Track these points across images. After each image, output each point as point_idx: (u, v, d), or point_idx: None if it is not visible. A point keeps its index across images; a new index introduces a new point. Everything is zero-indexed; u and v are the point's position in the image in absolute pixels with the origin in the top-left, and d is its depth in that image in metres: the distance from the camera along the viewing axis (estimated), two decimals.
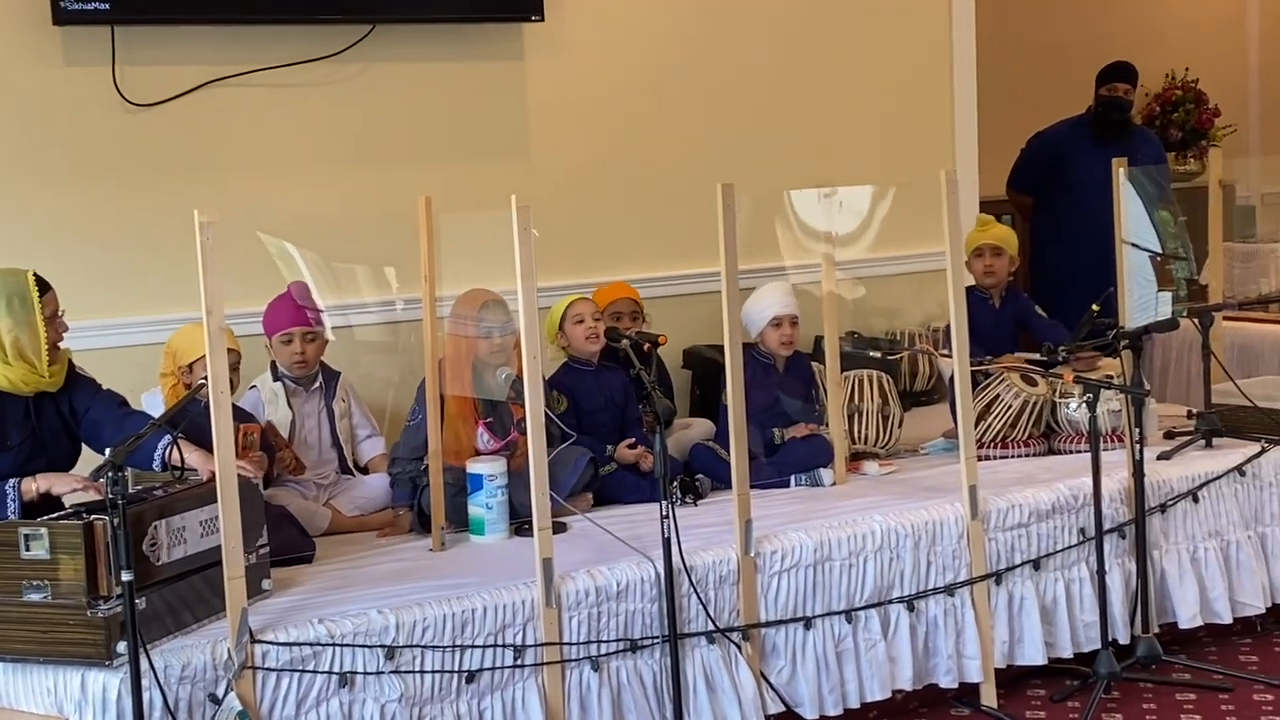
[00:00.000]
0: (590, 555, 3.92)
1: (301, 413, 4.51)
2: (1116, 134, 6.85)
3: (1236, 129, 8.87)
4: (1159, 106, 8.79)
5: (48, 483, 3.63)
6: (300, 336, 4.41)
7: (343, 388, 4.63)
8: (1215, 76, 8.88)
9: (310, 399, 4.54)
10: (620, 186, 5.56)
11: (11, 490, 3.59)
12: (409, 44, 5.13)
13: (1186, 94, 8.80)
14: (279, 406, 4.47)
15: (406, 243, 4.59)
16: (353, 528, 4.38)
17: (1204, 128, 8.80)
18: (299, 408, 4.50)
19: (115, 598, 3.21)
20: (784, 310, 4.83)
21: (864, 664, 4.09)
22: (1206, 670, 4.44)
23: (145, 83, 4.71)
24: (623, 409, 4.76)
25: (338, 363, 4.75)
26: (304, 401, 4.53)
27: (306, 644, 3.41)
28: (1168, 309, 4.86)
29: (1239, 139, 8.82)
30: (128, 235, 4.74)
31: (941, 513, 4.23)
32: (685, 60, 5.69)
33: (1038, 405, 4.91)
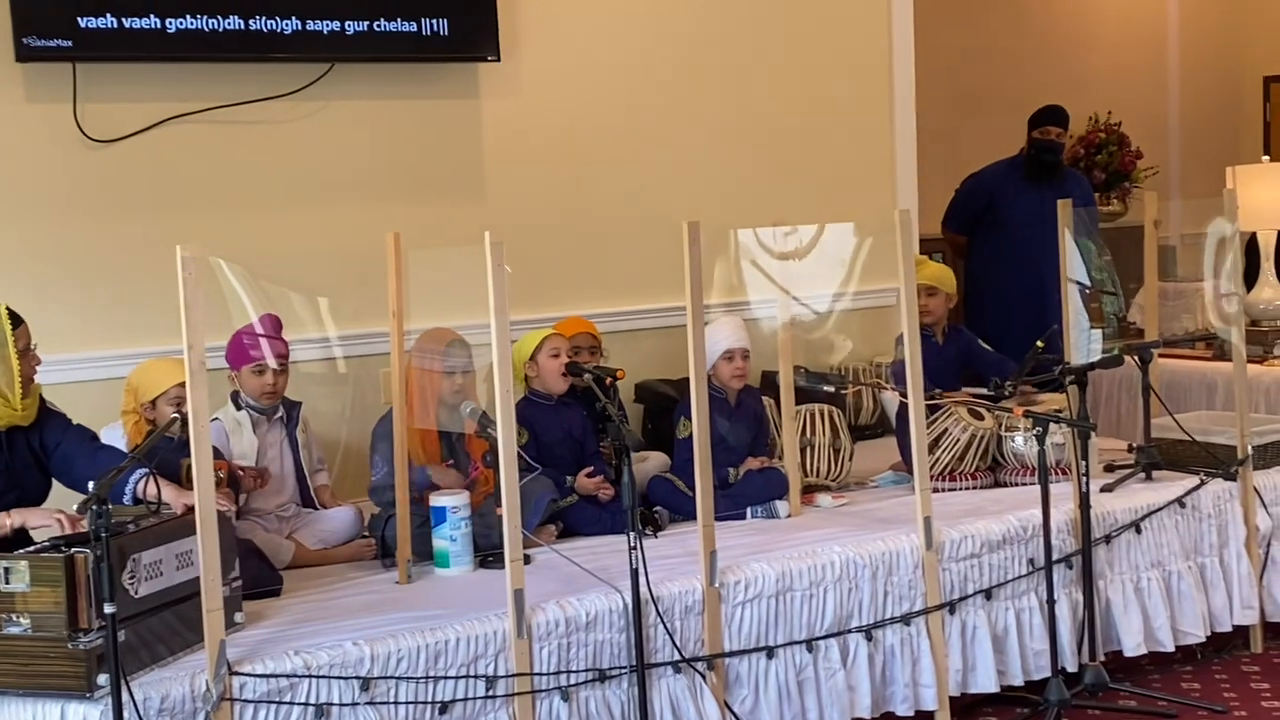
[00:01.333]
0: (558, 586, 3.97)
1: (265, 442, 4.52)
2: (1048, 175, 7.05)
3: (1158, 171, 9.13)
4: (1083, 149, 9.02)
5: (22, 518, 3.63)
6: (272, 369, 4.43)
7: (304, 419, 4.65)
8: (1138, 119, 9.14)
9: (273, 429, 4.56)
10: (573, 223, 5.65)
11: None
12: (367, 83, 5.20)
13: (1110, 137, 9.04)
14: (244, 436, 4.47)
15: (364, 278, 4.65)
16: (316, 560, 4.40)
17: (1127, 170, 9.04)
18: (263, 437, 4.52)
19: (96, 630, 3.23)
20: (736, 344, 4.91)
21: (824, 692, 4.17)
22: (1151, 697, 4.57)
23: (106, 119, 4.73)
24: (581, 443, 4.82)
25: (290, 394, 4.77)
26: (267, 431, 4.54)
27: (284, 676, 3.43)
28: (1098, 347, 5.01)
29: (1160, 180, 9.09)
30: (88, 270, 4.76)
31: (897, 544, 4.33)
32: (637, 101, 5.81)
33: (984, 439, 5.04)
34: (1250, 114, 9.88)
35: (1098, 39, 9.28)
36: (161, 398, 4.16)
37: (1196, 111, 9.65)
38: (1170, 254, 8.62)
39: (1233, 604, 4.90)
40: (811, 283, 5.08)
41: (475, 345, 4.43)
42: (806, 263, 5.00)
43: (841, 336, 5.37)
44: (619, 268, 5.71)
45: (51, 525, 3.61)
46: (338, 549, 4.47)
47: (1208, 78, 9.68)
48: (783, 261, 4.85)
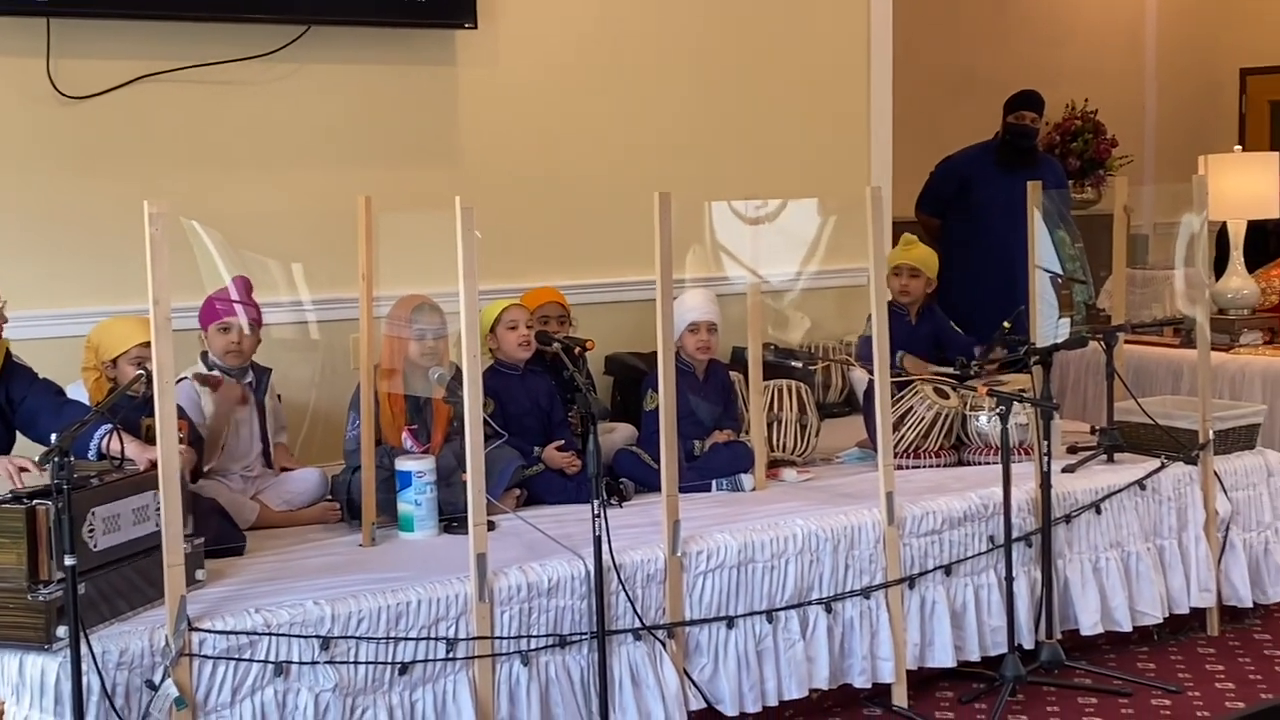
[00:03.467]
0: (521, 553, 3.99)
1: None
2: (1022, 160, 7.08)
3: (1133, 159, 9.17)
4: (1059, 136, 9.06)
5: None
6: (238, 327, 4.42)
7: (274, 387, 4.65)
8: (1113, 108, 9.18)
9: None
10: (547, 193, 5.65)
11: None
12: (343, 46, 5.19)
13: (1085, 124, 9.08)
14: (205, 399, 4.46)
15: (336, 242, 4.64)
16: (281, 522, 4.41)
17: (1101, 157, 9.09)
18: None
19: (56, 582, 3.23)
20: (702, 316, 4.93)
21: (783, 663, 4.21)
22: (1107, 675, 4.62)
23: (80, 75, 4.71)
24: (548, 412, 4.83)
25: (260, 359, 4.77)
26: None
27: (243, 633, 3.45)
28: (1066, 333, 5.05)
29: (1134, 169, 9.12)
30: (57, 227, 4.74)
31: (859, 518, 4.37)
32: (615, 72, 5.81)
33: (949, 418, 5.08)
34: (1226, 105, 9.93)
35: (1076, 26, 9.31)
36: (123, 356, 4.14)
37: (1172, 101, 9.70)
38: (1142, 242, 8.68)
39: (1190, 586, 4.95)
40: (779, 259, 5.11)
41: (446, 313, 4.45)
42: (775, 240, 5.02)
43: (800, 315, 5.39)
44: (592, 239, 5.72)
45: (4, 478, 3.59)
46: (302, 510, 4.48)
47: (1184, 68, 9.72)
48: (753, 232, 4.87)
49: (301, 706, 3.51)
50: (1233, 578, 5.05)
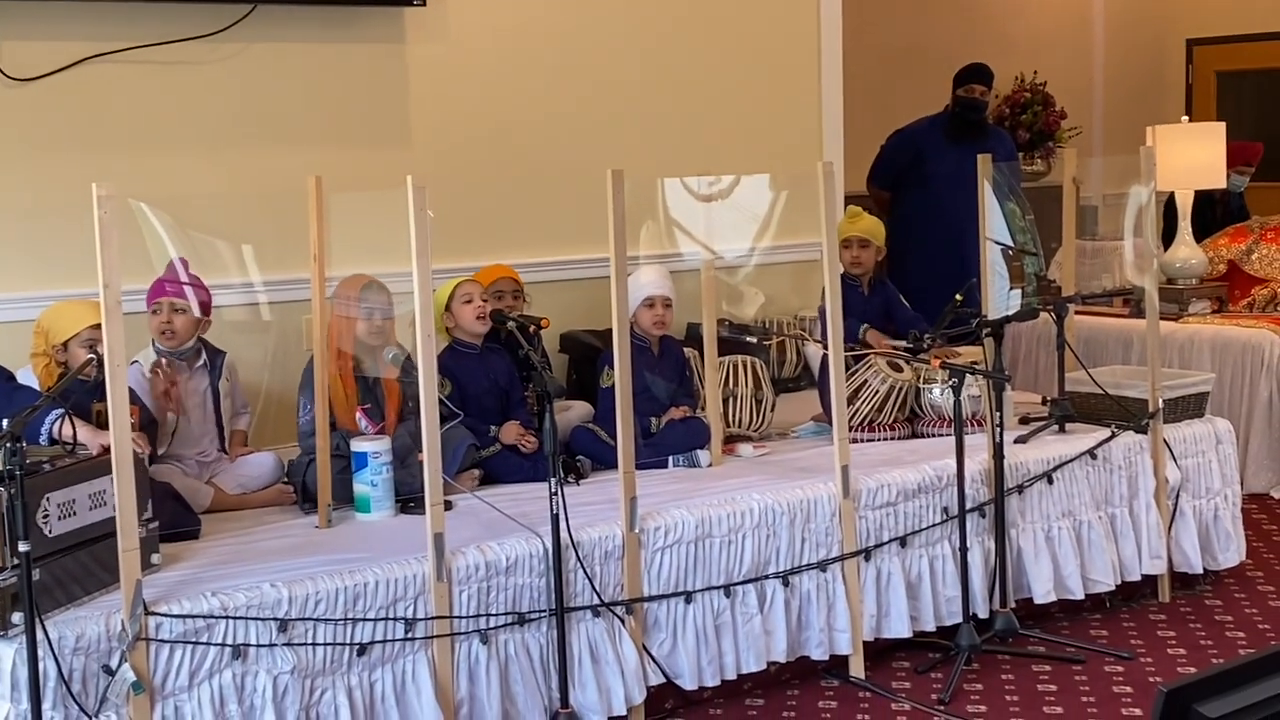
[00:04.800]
0: (479, 532, 4.00)
1: (186, 389, 4.49)
2: (972, 133, 7.13)
3: (1081, 131, 9.25)
4: (1008, 108, 9.12)
5: None
6: (168, 307, 4.38)
7: (228, 368, 4.63)
8: (1062, 80, 9.25)
9: (195, 376, 4.52)
10: (499, 172, 5.64)
11: None
12: (289, 25, 5.15)
13: (1035, 96, 9.15)
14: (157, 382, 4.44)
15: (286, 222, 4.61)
16: (235, 505, 4.39)
17: (1051, 129, 9.17)
18: (184, 384, 4.48)
19: (10, 569, 3.21)
20: (657, 291, 4.93)
21: (741, 637, 4.23)
22: (1060, 643, 4.67)
23: (25, 57, 4.66)
24: (506, 391, 4.83)
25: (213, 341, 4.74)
26: (188, 379, 4.51)
27: (200, 616, 3.44)
28: (1017, 305, 5.09)
29: (1083, 141, 9.20)
30: (2, 211, 4.68)
31: (815, 492, 4.39)
32: (565, 49, 5.79)
33: (903, 390, 5.11)
34: (1173, 76, 10.02)
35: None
36: (74, 340, 4.11)
37: (1120, 73, 9.78)
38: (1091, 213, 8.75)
39: (1141, 554, 5.01)
40: (733, 235, 5.12)
41: (397, 293, 4.44)
42: (727, 215, 5.03)
43: (754, 290, 5.41)
44: (545, 217, 5.71)
45: None
46: (257, 494, 4.46)
47: (1132, 40, 9.80)
48: (706, 207, 4.87)
49: (260, 689, 3.51)
50: (1183, 545, 5.12)
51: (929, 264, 6.96)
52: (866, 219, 5.56)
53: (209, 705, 3.44)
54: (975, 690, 4.34)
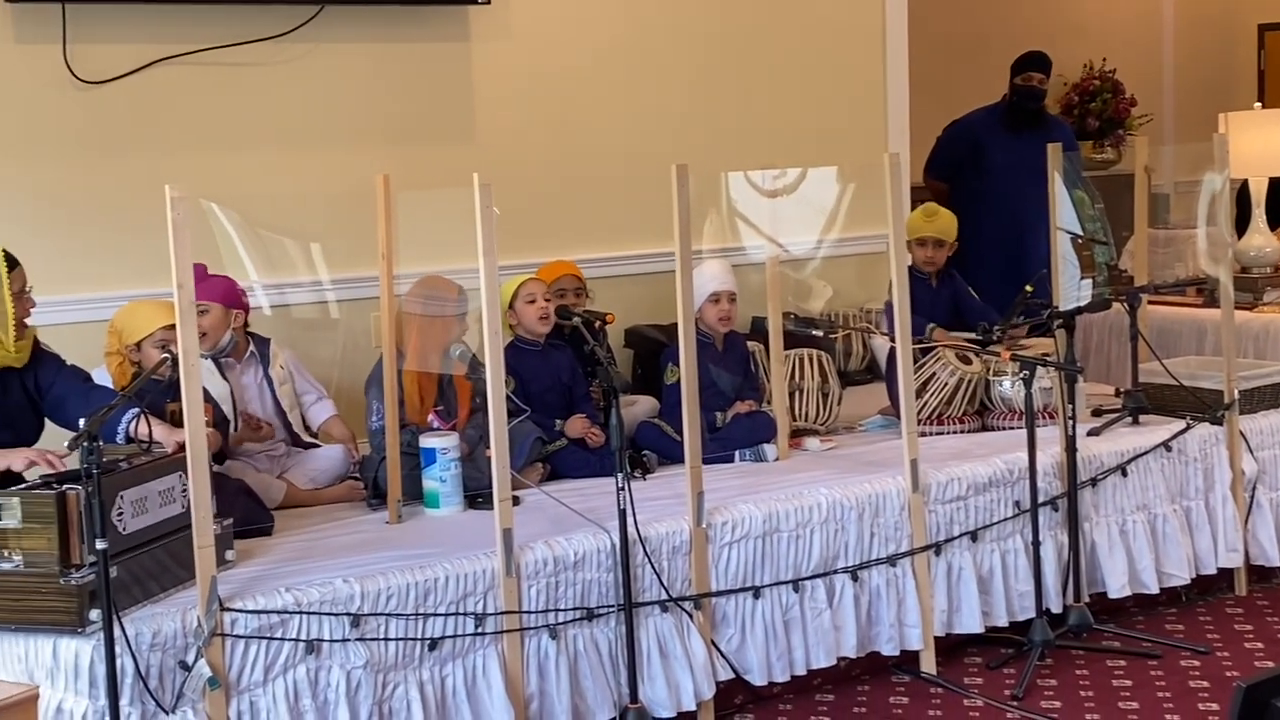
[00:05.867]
0: (546, 527, 4.01)
1: (240, 385, 4.53)
2: (1030, 122, 7.04)
3: (1152, 118, 9.12)
4: (1077, 96, 9.01)
5: (5, 460, 3.62)
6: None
7: (278, 355, 4.66)
8: (1132, 67, 9.12)
9: (246, 370, 4.57)
10: (563, 168, 5.65)
11: None
12: (356, 25, 5.18)
13: (1104, 84, 9.03)
14: (215, 381, 4.48)
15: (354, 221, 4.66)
16: (307, 500, 4.43)
17: (1120, 117, 9.04)
18: (236, 380, 4.52)
19: (87, 566, 3.26)
20: (722, 286, 4.92)
21: (810, 632, 4.22)
22: (1135, 638, 4.62)
23: (96, 60, 4.72)
24: (570, 387, 4.83)
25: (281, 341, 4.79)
26: (240, 374, 4.55)
27: (274, 612, 3.47)
28: (1088, 295, 5.04)
29: (1154, 128, 9.07)
30: (76, 212, 4.75)
31: (884, 486, 4.37)
32: (628, 44, 5.79)
33: (972, 383, 5.07)
34: (1245, 61, 9.86)
35: None
36: (147, 340, 4.15)
37: (1191, 59, 9.63)
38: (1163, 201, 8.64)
39: (1217, 547, 4.94)
40: (798, 228, 5.10)
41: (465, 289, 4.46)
42: (793, 208, 5.02)
43: (820, 283, 5.39)
44: (609, 212, 5.71)
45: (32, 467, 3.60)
46: (328, 489, 4.50)
47: (1203, 25, 9.65)
48: (771, 202, 4.86)
49: (333, 684, 3.54)
50: (1260, 537, 5.04)
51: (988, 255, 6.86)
52: (943, 216, 5.50)
53: (283, 700, 3.47)
54: (1049, 686, 4.30)
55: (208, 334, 4.42)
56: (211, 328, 4.43)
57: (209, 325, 4.41)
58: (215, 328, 4.44)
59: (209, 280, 4.42)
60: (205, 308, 4.40)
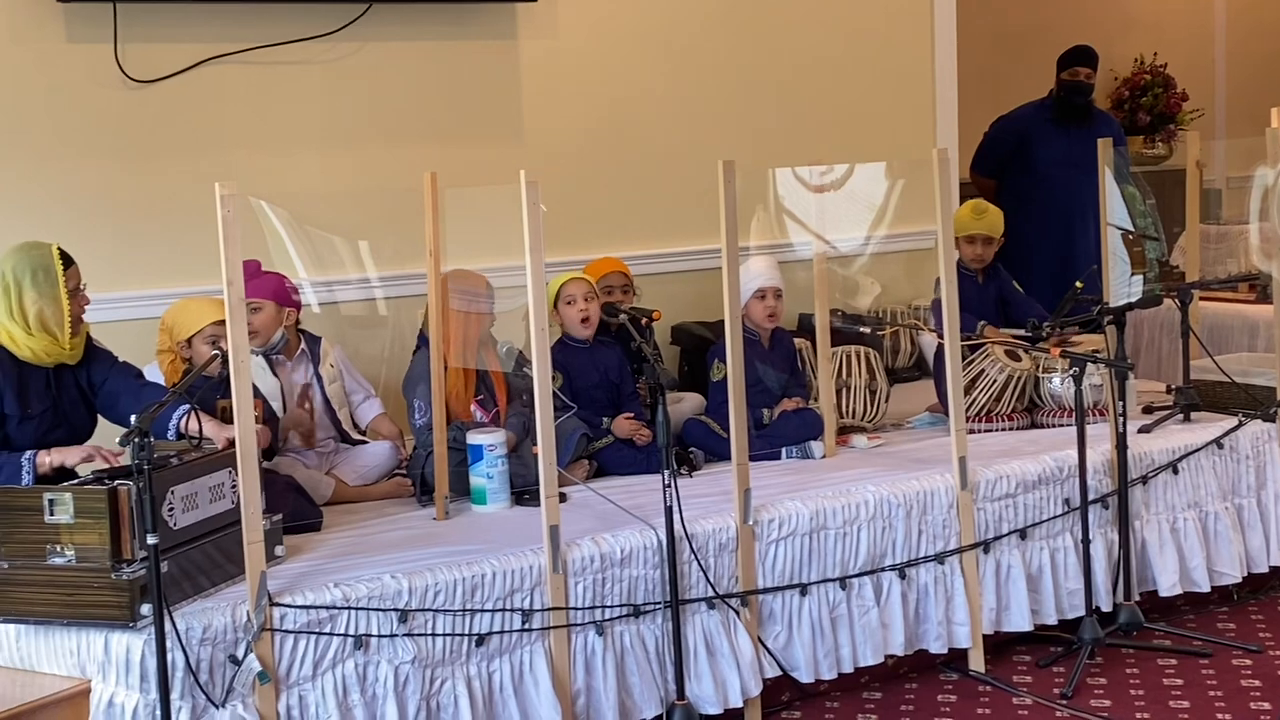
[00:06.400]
0: (593, 524, 4.01)
1: (289, 382, 4.56)
2: (1078, 117, 6.98)
3: (1203, 113, 9.02)
4: (1128, 91, 8.92)
5: (61, 456, 3.67)
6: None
7: (328, 353, 4.68)
8: (1183, 61, 9.03)
9: (297, 368, 4.60)
10: (610, 165, 5.65)
11: (27, 463, 3.64)
12: (404, 23, 5.20)
13: (1155, 79, 8.94)
14: (266, 378, 4.52)
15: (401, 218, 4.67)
16: (356, 497, 4.45)
17: (1172, 112, 8.95)
18: (286, 378, 4.55)
19: (139, 561, 3.29)
20: (769, 282, 4.90)
21: (857, 630, 4.20)
22: (1186, 636, 4.58)
23: (146, 59, 4.76)
24: (617, 385, 4.83)
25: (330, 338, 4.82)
26: (291, 371, 4.58)
27: (323, 607, 3.49)
28: (1139, 291, 4.99)
29: (1205, 123, 8.97)
30: (128, 210, 4.80)
31: (932, 483, 4.34)
32: (674, 40, 5.79)
33: (1021, 380, 5.03)
34: None
35: None
36: (197, 336, 4.19)
37: (1243, 53, 9.51)
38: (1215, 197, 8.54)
39: (1269, 545, 4.90)
40: (845, 224, 5.08)
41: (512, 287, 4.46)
42: (840, 204, 5.00)
43: (868, 279, 5.37)
44: (655, 209, 5.71)
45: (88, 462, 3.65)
46: (376, 486, 4.52)
47: (1255, 18, 9.53)
48: (818, 198, 4.84)
49: (382, 678, 3.55)
50: None
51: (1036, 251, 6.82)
52: (992, 213, 5.47)
53: (332, 695, 3.49)
54: (1099, 684, 4.27)
55: (259, 331, 4.44)
56: (263, 325, 4.45)
57: (261, 323, 4.44)
58: (267, 325, 4.47)
59: (262, 277, 4.45)
60: (258, 305, 4.43)
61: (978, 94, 7.20)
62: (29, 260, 3.68)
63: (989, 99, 7.43)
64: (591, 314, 4.74)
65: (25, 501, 3.35)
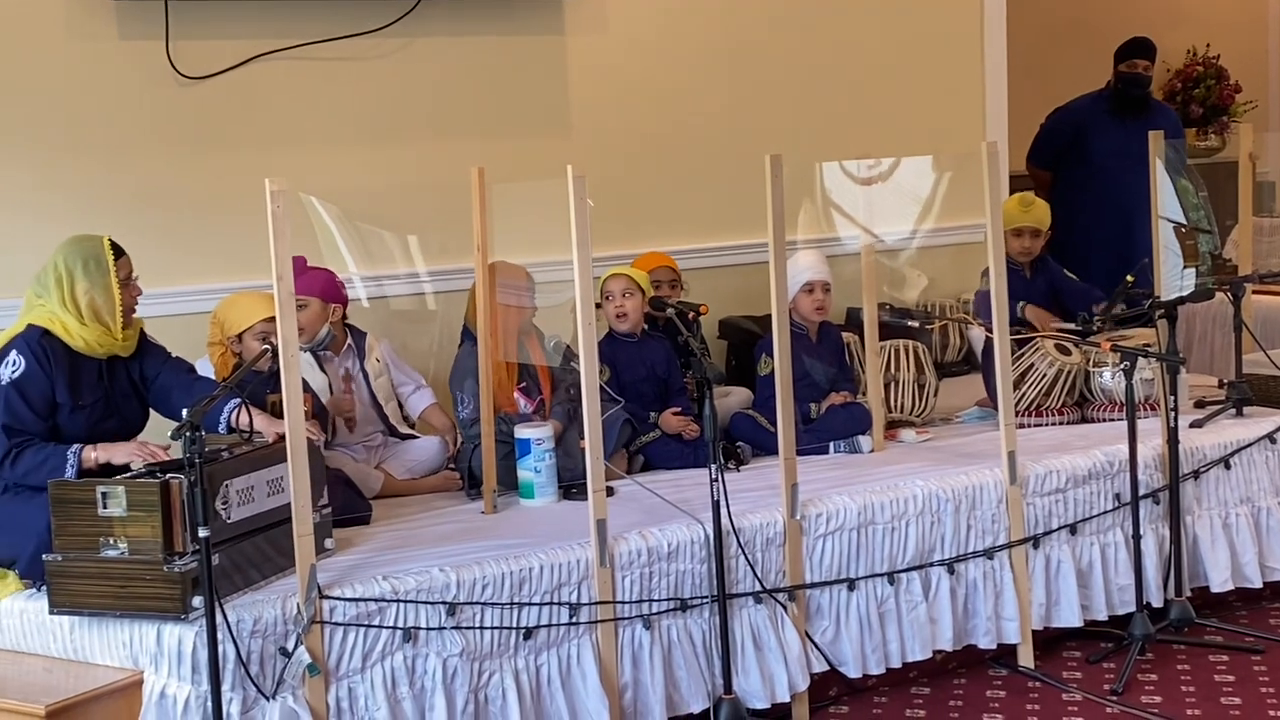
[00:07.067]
0: (640, 518, 4.02)
1: (337, 378, 4.59)
2: (1135, 109, 6.93)
3: (1257, 105, 8.93)
4: (1180, 83, 8.85)
5: (107, 453, 3.68)
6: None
7: (373, 348, 4.71)
8: (1236, 53, 8.93)
9: (344, 363, 4.62)
10: (657, 159, 5.65)
11: (72, 457, 3.64)
12: (451, 19, 5.22)
13: (1208, 70, 8.86)
14: (314, 374, 4.54)
15: (449, 213, 4.69)
16: (404, 490, 4.48)
17: (1225, 104, 8.86)
18: (334, 373, 4.58)
19: (190, 554, 3.32)
20: (817, 276, 4.89)
21: (905, 625, 4.19)
22: (1238, 633, 4.54)
23: (197, 56, 4.80)
24: (665, 379, 4.83)
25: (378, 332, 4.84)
26: (338, 367, 4.61)
27: (372, 600, 3.51)
28: (1191, 285, 4.95)
29: (1259, 115, 8.88)
30: (179, 205, 4.84)
31: (981, 478, 4.32)
32: (722, 35, 5.78)
33: (1071, 374, 5.00)
34: None
35: None
36: (248, 331, 4.22)
37: None
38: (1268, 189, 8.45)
39: None
40: (893, 218, 5.06)
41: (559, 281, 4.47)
42: (888, 198, 4.98)
43: (916, 273, 5.34)
44: (702, 204, 5.71)
45: (133, 461, 3.67)
46: (424, 480, 4.55)
47: None
48: (866, 191, 4.83)
49: (430, 671, 3.57)
50: None
51: (1093, 244, 6.78)
52: (1039, 206, 5.44)
53: (381, 687, 3.51)
54: (1149, 681, 4.24)
55: (305, 328, 4.46)
56: (309, 322, 4.48)
57: (306, 320, 4.46)
58: (313, 322, 4.50)
59: (308, 274, 4.48)
60: (304, 302, 4.45)
61: (1027, 87, 7.15)
62: (80, 251, 3.72)
63: (1039, 92, 7.38)
64: (629, 310, 4.73)
65: (79, 495, 3.39)
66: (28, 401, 3.64)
